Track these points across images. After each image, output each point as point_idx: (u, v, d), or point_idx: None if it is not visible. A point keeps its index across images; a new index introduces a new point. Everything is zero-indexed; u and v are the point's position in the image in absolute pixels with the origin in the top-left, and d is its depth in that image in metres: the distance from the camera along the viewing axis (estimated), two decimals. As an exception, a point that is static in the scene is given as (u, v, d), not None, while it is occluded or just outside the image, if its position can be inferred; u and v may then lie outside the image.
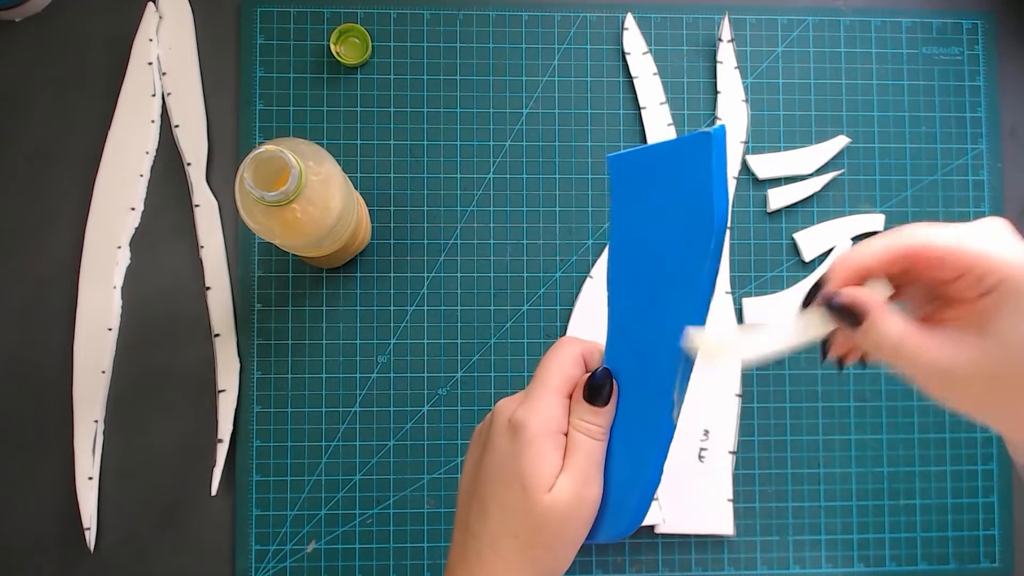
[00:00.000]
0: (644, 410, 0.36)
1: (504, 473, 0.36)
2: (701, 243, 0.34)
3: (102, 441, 0.58)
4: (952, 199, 0.63)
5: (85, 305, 0.58)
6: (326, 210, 0.46)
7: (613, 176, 0.39)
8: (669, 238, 0.36)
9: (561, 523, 0.35)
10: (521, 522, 0.35)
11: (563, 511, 0.35)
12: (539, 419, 0.36)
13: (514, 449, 0.36)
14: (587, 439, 0.36)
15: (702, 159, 0.33)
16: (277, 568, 0.58)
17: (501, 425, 0.37)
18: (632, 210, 0.38)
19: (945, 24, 0.64)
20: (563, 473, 0.36)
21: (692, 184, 0.34)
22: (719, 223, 0.33)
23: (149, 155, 0.60)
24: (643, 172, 0.37)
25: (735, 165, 0.61)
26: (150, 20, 0.60)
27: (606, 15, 0.62)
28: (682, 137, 0.38)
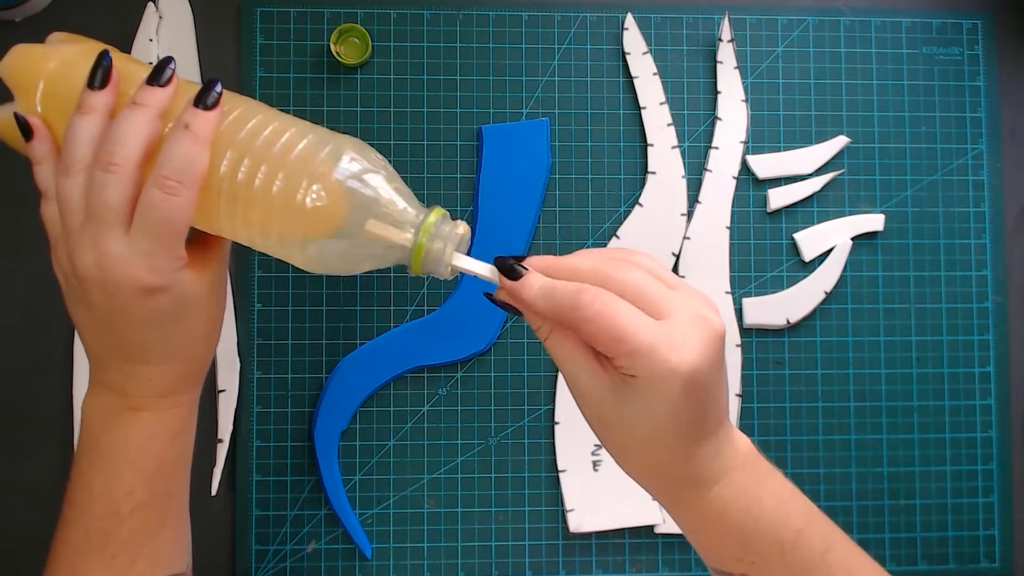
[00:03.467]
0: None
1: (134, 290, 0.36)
2: (538, 179, 0.60)
3: (102, 441, 0.58)
4: (952, 199, 0.63)
5: (85, 305, 0.58)
6: None
7: (485, 141, 0.60)
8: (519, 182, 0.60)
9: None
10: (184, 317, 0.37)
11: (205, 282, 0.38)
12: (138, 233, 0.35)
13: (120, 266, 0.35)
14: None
15: (543, 133, 0.61)
16: (277, 568, 0.58)
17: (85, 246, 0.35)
18: (494, 166, 0.60)
19: (945, 24, 0.64)
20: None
21: (537, 147, 0.60)
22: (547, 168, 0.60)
23: (149, 155, 0.60)
24: (505, 139, 0.60)
25: (735, 165, 0.61)
26: (150, 20, 0.60)
27: (606, 15, 0.62)
28: (533, 120, 0.61)
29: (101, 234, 0.34)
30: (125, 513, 0.37)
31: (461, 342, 0.59)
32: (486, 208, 0.60)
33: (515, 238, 0.60)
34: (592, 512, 0.59)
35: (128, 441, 0.37)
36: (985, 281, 0.63)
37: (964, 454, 0.62)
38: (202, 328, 0.38)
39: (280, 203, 0.35)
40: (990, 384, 0.62)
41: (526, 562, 0.59)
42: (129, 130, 0.34)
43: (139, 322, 0.36)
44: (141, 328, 0.36)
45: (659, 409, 0.32)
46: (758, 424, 0.61)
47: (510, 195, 0.60)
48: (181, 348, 0.38)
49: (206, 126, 0.35)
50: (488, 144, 0.60)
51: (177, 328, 0.37)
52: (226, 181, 0.35)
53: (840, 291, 0.62)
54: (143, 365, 0.37)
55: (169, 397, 0.38)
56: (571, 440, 0.59)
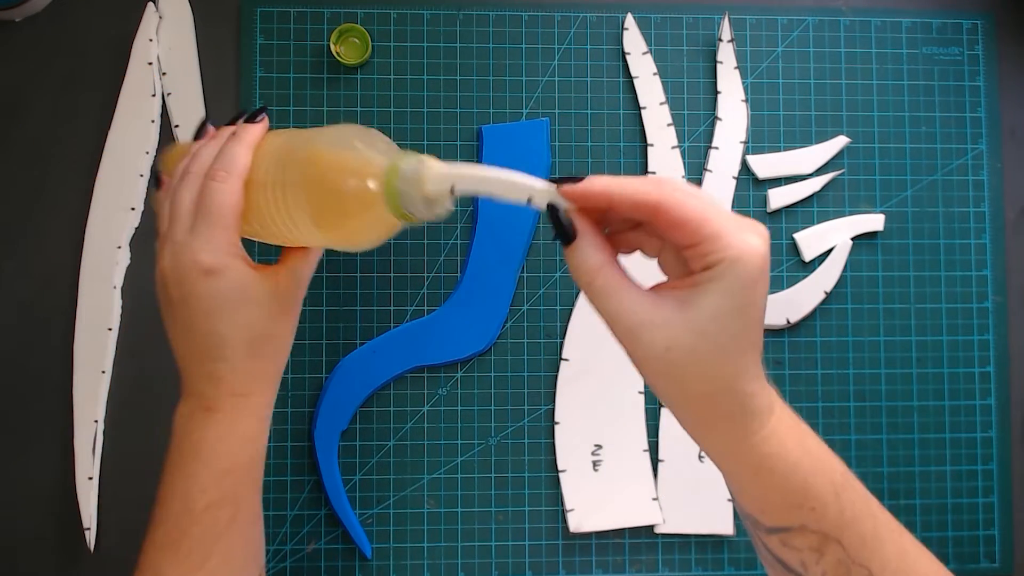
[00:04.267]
0: (496, 275, 0.60)
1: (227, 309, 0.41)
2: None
3: (102, 441, 0.58)
4: (952, 199, 0.63)
5: (85, 305, 0.58)
6: None
7: (485, 141, 0.60)
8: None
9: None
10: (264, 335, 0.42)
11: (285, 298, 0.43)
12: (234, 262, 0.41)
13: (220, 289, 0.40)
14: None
15: (543, 133, 0.61)
16: (277, 568, 0.58)
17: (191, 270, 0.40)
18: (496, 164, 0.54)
19: (945, 24, 0.64)
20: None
21: (536, 147, 0.61)
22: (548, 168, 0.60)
23: (149, 155, 0.60)
24: (504, 139, 0.60)
25: (735, 165, 0.61)
26: (150, 20, 0.60)
27: (606, 15, 0.62)
28: (532, 120, 0.61)
29: (175, 230, 0.41)
30: (198, 511, 0.39)
31: (461, 342, 0.59)
32: (486, 208, 0.60)
33: (515, 239, 0.60)
34: (592, 512, 0.59)
35: (203, 441, 0.40)
36: (985, 281, 0.63)
37: (964, 454, 0.62)
38: (266, 326, 0.41)
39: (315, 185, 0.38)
40: (990, 384, 0.62)
41: (526, 562, 0.59)
42: (229, 151, 0.42)
43: (204, 310, 0.40)
44: (206, 318, 0.40)
45: (739, 295, 0.32)
46: (758, 424, 0.61)
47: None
48: (248, 345, 0.41)
49: (250, 134, 0.42)
50: (488, 144, 0.60)
51: (239, 319, 0.40)
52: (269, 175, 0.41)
53: (840, 291, 0.62)
54: (216, 363, 0.41)
55: (240, 398, 0.41)
56: (571, 440, 0.59)
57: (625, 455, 0.59)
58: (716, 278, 0.32)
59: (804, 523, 0.35)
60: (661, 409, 0.60)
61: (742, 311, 0.32)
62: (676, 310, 0.32)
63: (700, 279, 0.32)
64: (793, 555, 0.36)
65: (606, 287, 0.33)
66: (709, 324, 0.32)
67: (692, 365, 0.32)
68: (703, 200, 0.32)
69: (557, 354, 0.60)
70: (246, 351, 0.41)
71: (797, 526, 0.35)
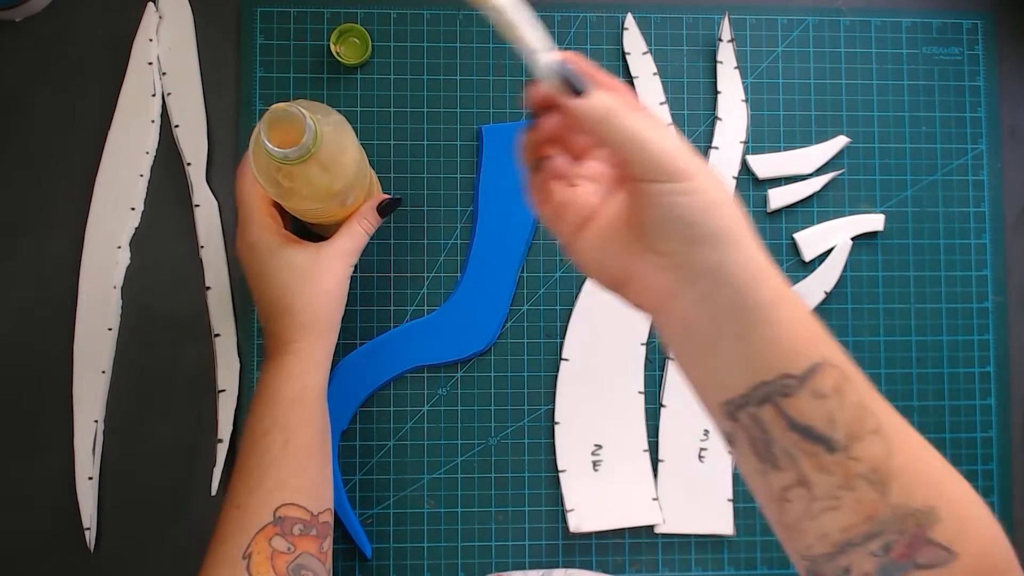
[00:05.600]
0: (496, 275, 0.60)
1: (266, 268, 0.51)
2: None
3: (102, 441, 0.58)
4: (952, 199, 0.63)
5: (85, 305, 0.58)
6: (344, 153, 0.47)
7: (485, 140, 0.60)
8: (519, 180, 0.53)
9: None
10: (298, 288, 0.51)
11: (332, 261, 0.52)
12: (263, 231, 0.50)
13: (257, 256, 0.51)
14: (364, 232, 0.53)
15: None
16: (277, 568, 0.58)
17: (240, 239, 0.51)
18: (495, 164, 0.60)
19: (945, 24, 0.64)
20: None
21: None
22: None
23: (149, 155, 0.60)
24: (504, 139, 0.60)
25: (735, 165, 0.61)
26: (150, 20, 0.60)
27: (606, 15, 0.62)
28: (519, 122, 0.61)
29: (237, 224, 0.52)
30: (257, 436, 0.47)
31: (461, 342, 0.59)
32: (486, 208, 0.60)
33: (515, 239, 0.60)
34: (592, 512, 0.59)
35: (260, 381, 0.50)
36: (985, 281, 0.63)
37: (964, 454, 0.62)
38: (308, 286, 0.50)
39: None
40: (990, 384, 0.62)
41: (526, 562, 0.59)
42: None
43: (257, 273, 0.50)
44: (256, 282, 0.51)
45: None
46: (758, 424, 0.61)
47: (510, 195, 0.59)
48: (297, 299, 0.50)
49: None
50: (488, 144, 0.60)
51: (284, 279, 0.49)
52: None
53: (840, 291, 0.62)
54: (268, 321, 0.51)
55: (289, 345, 0.49)
56: (571, 440, 0.59)
57: (625, 455, 0.59)
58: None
59: (825, 356, 0.34)
60: (661, 409, 0.60)
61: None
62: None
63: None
64: (820, 409, 0.34)
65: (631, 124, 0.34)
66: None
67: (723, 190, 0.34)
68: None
69: (557, 354, 0.60)
70: (298, 307, 0.49)
71: (820, 361, 0.34)
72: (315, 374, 0.50)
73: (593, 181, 0.38)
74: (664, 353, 0.61)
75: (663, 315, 0.36)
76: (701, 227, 0.33)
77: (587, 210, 0.37)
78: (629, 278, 0.36)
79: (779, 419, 0.34)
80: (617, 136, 0.34)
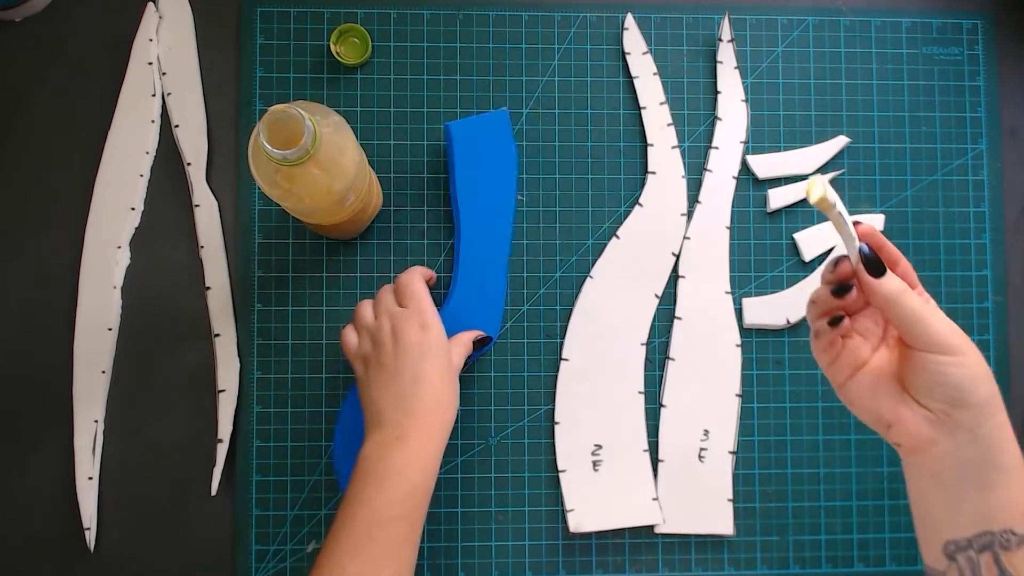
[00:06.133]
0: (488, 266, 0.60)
1: (431, 353, 0.51)
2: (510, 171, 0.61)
3: (102, 441, 0.58)
4: (952, 199, 0.63)
5: (85, 305, 0.58)
6: (343, 154, 0.47)
7: (455, 137, 0.59)
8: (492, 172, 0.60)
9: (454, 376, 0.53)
10: (449, 381, 0.51)
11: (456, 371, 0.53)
12: (437, 321, 0.52)
13: (429, 340, 0.51)
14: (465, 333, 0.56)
15: (504, 125, 0.60)
16: (277, 568, 0.58)
17: (412, 326, 0.51)
18: (467, 160, 0.59)
19: (945, 24, 0.64)
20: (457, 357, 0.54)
21: (500, 139, 0.60)
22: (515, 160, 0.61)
23: (149, 155, 0.60)
24: (471, 134, 0.59)
25: (735, 165, 0.61)
26: (150, 20, 0.60)
27: (606, 15, 0.62)
28: (493, 112, 0.60)
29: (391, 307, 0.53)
30: (384, 523, 0.46)
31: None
32: (466, 203, 0.59)
33: (499, 227, 0.60)
34: (592, 512, 0.59)
35: (393, 463, 0.48)
36: (985, 281, 0.63)
37: (964, 454, 0.62)
38: (449, 374, 0.52)
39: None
40: (990, 384, 0.62)
41: (526, 562, 0.59)
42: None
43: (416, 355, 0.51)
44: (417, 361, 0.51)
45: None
46: (758, 424, 0.61)
47: (487, 187, 0.60)
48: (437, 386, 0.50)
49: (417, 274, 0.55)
50: (457, 140, 0.59)
51: (438, 363, 0.51)
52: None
53: (840, 291, 0.62)
54: (412, 399, 0.50)
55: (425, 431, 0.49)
56: (571, 440, 0.59)
57: (625, 455, 0.59)
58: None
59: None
60: (661, 409, 0.60)
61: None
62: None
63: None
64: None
65: (916, 305, 0.41)
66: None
67: (983, 365, 0.41)
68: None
69: (557, 354, 0.60)
70: (436, 391, 0.50)
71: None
72: (438, 465, 0.50)
73: (863, 335, 0.44)
74: (664, 353, 0.61)
75: (920, 456, 0.42)
76: (967, 394, 0.40)
77: (859, 360, 0.44)
78: (895, 421, 0.42)
79: (993, 567, 0.40)
80: (905, 314, 0.41)
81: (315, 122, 0.43)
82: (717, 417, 0.60)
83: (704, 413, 0.60)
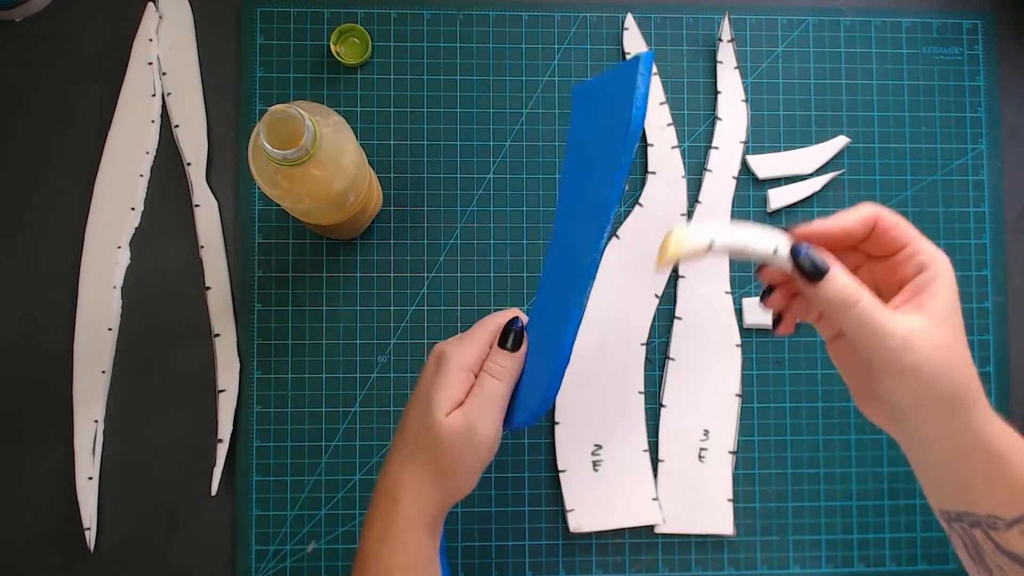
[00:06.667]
0: (561, 302, 0.43)
1: (421, 394, 0.43)
2: (617, 148, 0.40)
3: (102, 441, 0.58)
4: (952, 199, 0.63)
5: (85, 305, 0.58)
6: (343, 154, 0.47)
7: (576, 105, 0.46)
8: (599, 153, 0.42)
9: (454, 447, 0.42)
10: (427, 439, 0.42)
11: (455, 437, 0.42)
12: (458, 354, 0.43)
13: (433, 376, 0.43)
14: (491, 378, 0.43)
15: (631, 77, 0.40)
16: (277, 568, 0.58)
17: (432, 356, 0.44)
18: (581, 136, 0.45)
19: (945, 24, 0.64)
20: (461, 407, 0.42)
21: (621, 100, 0.40)
22: (635, 127, 0.40)
23: (149, 155, 0.60)
24: (596, 98, 0.44)
25: (735, 165, 0.61)
26: (150, 20, 0.60)
27: (606, 15, 0.62)
28: (625, 62, 0.44)
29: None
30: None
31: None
32: (566, 196, 0.47)
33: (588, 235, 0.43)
34: (592, 512, 0.59)
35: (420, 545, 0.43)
36: (985, 281, 0.63)
37: (964, 454, 0.62)
38: (478, 467, 0.44)
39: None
40: (990, 384, 0.62)
41: (526, 562, 0.59)
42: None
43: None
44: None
45: (953, 289, 0.37)
46: (758, 424, 0.61)
47: (589, 175, 0.44)
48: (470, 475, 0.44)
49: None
50: (578, 106, 0.47)
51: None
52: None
53: (840, 291, 0.62)
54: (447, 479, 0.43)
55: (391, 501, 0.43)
56: (571, 440, 0.59)
57: (625, 455, 0.59)
58: (936, 279, 0.37)
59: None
60: (661, 409, 0.60)
61: (958, 304, 0.37)
62: (921, 316, 0.36)
63: (921, 283, 0.37)
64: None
65: (869, 308, 0.36)
66: (949, 320, 0.36)
67: (951, 358, 0.36)
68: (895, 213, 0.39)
69: (557, 354, 0.60)
70: (411, 447, 0.44)
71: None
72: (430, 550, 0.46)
73: None
74: (664, 353, 0.61)
75: (897, 433, 0.40)
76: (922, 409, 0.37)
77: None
78: (872, 398, 0.39)
79: (989, 542, 0.38)
80: (848, 326, 0.36)
81: (315, 122, 0.43)
82: (717, 417, 0.60)
83: (704, 413, 0.60)
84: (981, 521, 0.38)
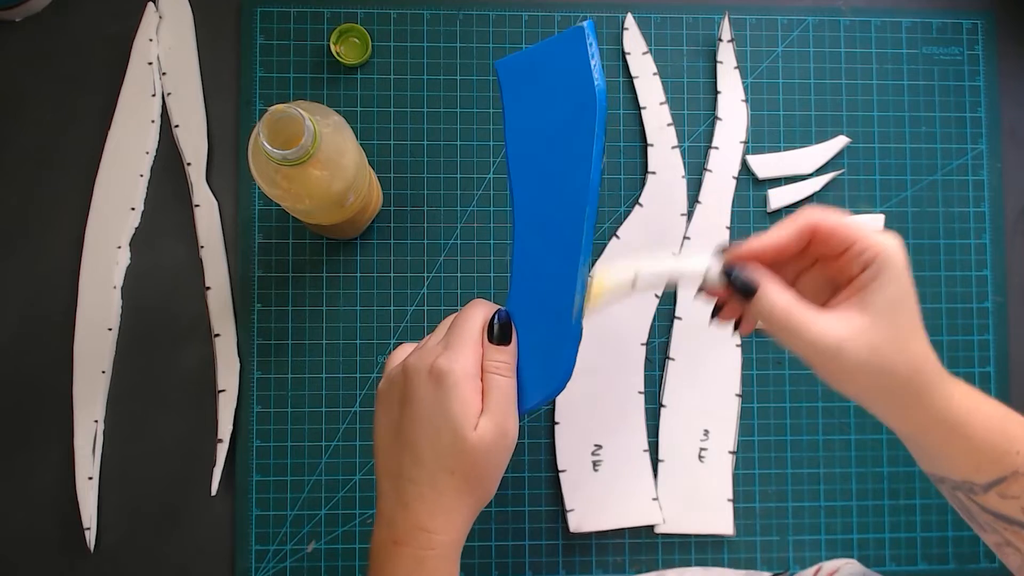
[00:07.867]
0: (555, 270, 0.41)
1: (433, 418, 0.39)
2: (588, 122, 0.39)
3: (102, 441, 0.58)
4: (952, 199, 0.63)
5: (85, 305, 0.58)
6: (343, 154, 0.47)
7: (504, 81, 0.42)
8: (559, 128, 0.40)
9: (489, 456, 0.40)
10: (456, 459, 0.39)
11: (489, 446, 0.40)
12: (460, 366, 0.40)
13: (439, 396, 0.39)
14: (499, 377, 0.41)
15: (580, 49, 0.39)
16: (277, 568, 0.58)
17: (421, 377, 0.40)
18: (524, 113, 0.42)
19: (945, 24, 0.64)
20: (484, 414, 0.40)
21: (573, 73, 0.39)
22: (601, 100, 0.39)
23: (149, 155, 0.60)
24: (529, 74, 0.41)
25: (735, 165, 0.61)
26: (150, 20, 0.60)
27: (606, 15, 0.62)
28: (560, 34, 0.41)
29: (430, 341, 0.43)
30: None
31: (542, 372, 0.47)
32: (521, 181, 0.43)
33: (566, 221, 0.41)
34: (592, 512, 0.59)
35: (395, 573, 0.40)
36: (985, 281, 0.63)
37: (964, 454, 0.62)
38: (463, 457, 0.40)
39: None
40: (990, 384, 0.62)
41: (526, 562, 0.59)
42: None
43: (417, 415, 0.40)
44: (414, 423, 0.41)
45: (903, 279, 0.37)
46: (758, 424, 0.61)
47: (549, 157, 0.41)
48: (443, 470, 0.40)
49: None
50: (506, 83, 0.43)
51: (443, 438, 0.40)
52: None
53: (840, 291, 0.62)
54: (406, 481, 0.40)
55: (424, 533, 0.40)
56: (571, 440, 0.59)
57: (625, 455, 0.59)
58: (880, 273, 0.37)
59: (1016, 468, 0.38)
60: (661, 409, 0.60)
61: (908, 293, 0.37)
62: (861, 315, 0.37)
63: (865, 280, 0.37)
64: (1013, 504, 0.38)
65: (801, 320, 0.37)
66: (892, 314, 0.37)
67: (892, 354, 0.37)
68: (840, 214, 0.39)
69: (557, 354, 0.60)
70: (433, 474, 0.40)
71: (1010, 473, 0.38)
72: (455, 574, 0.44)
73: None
74: (664, 353, 0.61)
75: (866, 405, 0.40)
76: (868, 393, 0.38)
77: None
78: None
79: (973, 504, 0.39)
80: (783, 339, 0.38)
81: (315, 122, 0.43)
82: (717, 417, 0.60)
83: (704, 413, 0.60)
84: (960, 485, 0.40)
